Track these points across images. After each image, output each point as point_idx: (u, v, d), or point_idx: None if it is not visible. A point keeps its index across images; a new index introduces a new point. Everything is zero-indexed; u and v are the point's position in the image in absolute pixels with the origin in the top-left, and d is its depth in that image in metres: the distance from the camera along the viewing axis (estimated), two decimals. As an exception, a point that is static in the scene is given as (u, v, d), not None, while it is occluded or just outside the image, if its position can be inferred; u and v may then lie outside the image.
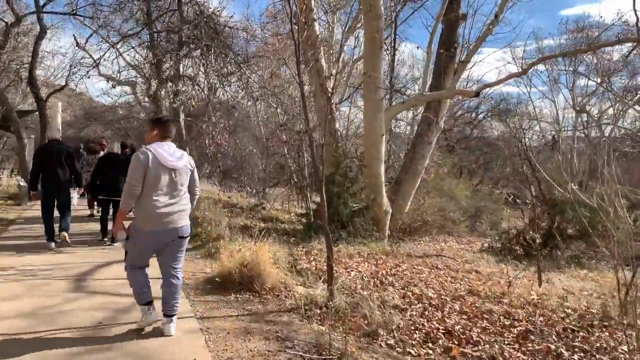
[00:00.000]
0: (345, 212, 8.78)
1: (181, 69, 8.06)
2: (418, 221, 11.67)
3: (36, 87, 13.03)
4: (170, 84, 7.26)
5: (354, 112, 19.64)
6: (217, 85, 7.78)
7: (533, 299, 5.47)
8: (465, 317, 4.68)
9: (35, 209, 10.62)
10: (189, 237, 3.72)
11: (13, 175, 16.63)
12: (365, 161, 9.52)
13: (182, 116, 8.51)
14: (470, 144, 26.54)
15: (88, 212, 10.22)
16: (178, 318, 3.75)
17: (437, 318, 4.56)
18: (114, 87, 21.68)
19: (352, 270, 6.63)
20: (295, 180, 12.27)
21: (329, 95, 8.20)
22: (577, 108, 25.45)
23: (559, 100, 28.21)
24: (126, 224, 3.59)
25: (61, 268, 5.59)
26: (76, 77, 10.28)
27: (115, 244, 6.97)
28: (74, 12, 12.07)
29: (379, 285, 6.05)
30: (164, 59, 7.90)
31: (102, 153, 9.58)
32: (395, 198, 11.02)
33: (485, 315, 4.74)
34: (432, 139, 11.75)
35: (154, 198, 3.42)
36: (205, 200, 11.41)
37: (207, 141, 8.09)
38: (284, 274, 5.40)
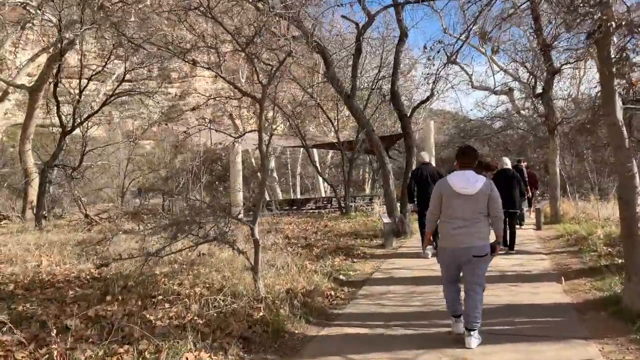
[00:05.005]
0: None
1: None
2: None
3: (399, 102, 11.60)
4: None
5: None
6: None
7: None
8: None
9: (400, 253, 8.31)
10: (486, 256, 3.86)
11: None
12: None
13: (619, 104, 5.26)
14: None
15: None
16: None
17: None
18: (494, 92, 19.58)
19: None
20: None
21: None
22: None
23: None
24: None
25: None
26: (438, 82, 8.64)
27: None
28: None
29: None
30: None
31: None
32: None
33: None
34: None
35: (449, 220, 3.90)
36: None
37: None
38: None
